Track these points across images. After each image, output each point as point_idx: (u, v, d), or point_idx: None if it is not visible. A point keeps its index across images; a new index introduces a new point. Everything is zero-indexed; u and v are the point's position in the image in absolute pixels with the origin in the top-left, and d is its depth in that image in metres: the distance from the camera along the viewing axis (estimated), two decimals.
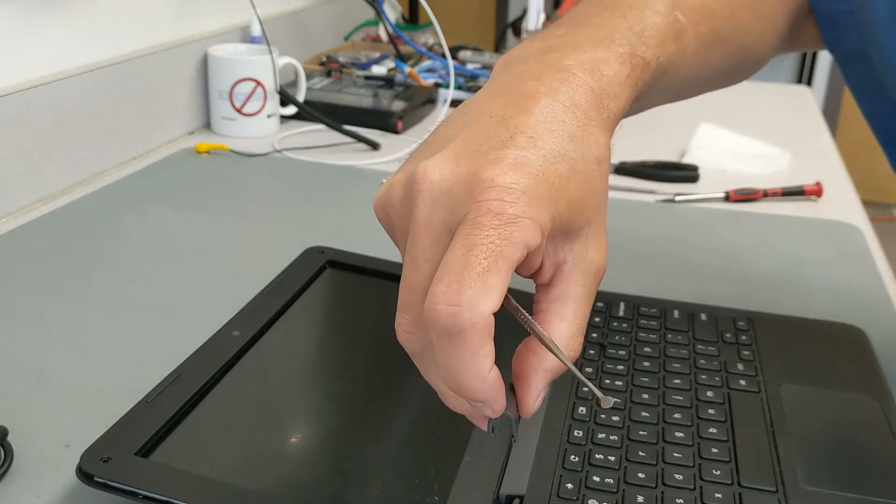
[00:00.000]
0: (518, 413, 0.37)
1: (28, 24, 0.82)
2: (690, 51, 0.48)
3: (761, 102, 1.37)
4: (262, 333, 0.54)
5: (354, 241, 0.69)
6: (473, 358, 0.33)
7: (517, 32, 1.49)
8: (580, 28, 0.44)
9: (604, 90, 0.40)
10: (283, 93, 1.07)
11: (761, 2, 0.55)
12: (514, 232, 0.33)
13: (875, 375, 0.54)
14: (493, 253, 0.33)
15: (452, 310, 0.32)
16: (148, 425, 0.44)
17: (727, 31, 0.52)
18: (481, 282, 0.32)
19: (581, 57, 0.40)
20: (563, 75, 0.39)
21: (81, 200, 0.83)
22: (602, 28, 0.43)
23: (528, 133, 0.36)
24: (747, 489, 0.43)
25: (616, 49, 0.42)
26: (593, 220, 0.38)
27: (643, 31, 0.44)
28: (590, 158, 0.38)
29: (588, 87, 0.39)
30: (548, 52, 0.41)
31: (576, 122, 0.38)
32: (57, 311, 0.62)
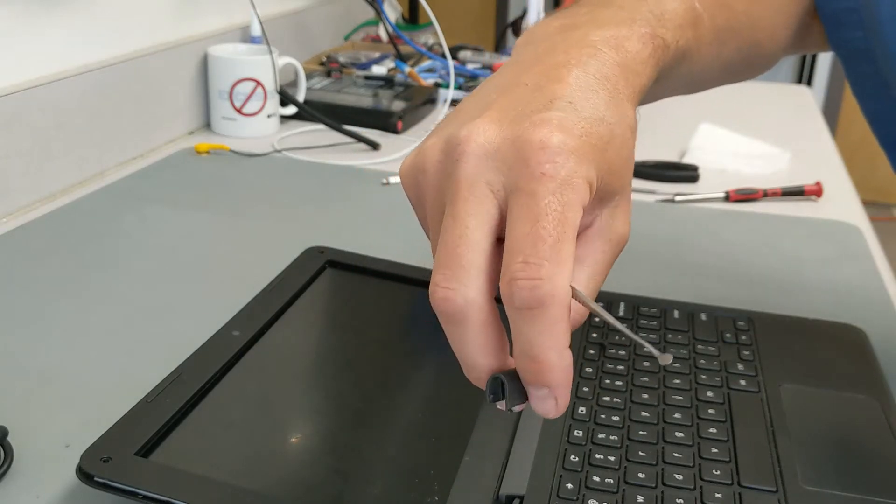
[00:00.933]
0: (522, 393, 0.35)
1: (28, 24, 0.82)
2: (706, 40, 0.49)
3: (761, 102, 1.37)
4: (262, 333, 0.54)
5: (354, 241, 0.69)
6: (552, 331, 0.32)
7: (517, 32, 1.49)
8: (602, 8, 0.44)
9: (628, 65, 0.40)
10: (283, 93, 1.07)
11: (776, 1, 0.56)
12: (572, 195, 0.33)
13: (875, 375, 0.54)
14: (560, 221, 0.33)
15: (533, 283, 0.32)
16: (148, 425, 0.44)
17: (741, 25, 0.52)
18: (555, 253, 0.32)
19: (605, 34, 0.41)
20: (589, 50, 0.39)
21: (81, 200, 0.83)
22: (624, 9, 0.44)
23: (567, 99, 0.36)
24: (747, 489, 0.43)
25: (638, 28, 0.42)
26: (625, 189, 0.38)
27: (663, 14, 0.45)
28: (625, 125, 0.38)
29: (614, 61, 0.40)
30: (571, 29, 0.41)
31: (607, 92, 0.38)
32: (57, 311, 0.62)
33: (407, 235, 0.78)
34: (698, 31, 0.48)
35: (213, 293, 0.66)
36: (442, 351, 0.57)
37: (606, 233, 0.38)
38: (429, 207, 0.37)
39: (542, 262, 0.32)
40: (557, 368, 0.33)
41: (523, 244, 0.32)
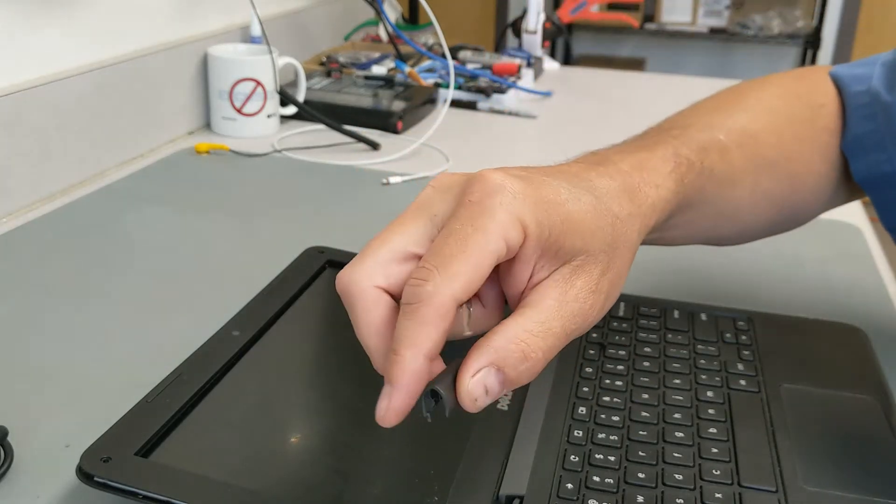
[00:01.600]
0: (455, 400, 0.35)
1: (28, 23, 0.82)
2: (738, 166, 0.51)
3: None
4: (262, 333, 0.54)
5: (354, 241, 0.69)
6: (416, 330, 0.34)
7: (517, 32, 1.49)
8: (629, 143, 0.49)
9: (645, 179, 0.43)
10: (283, 93, 1.07)
11: (810, 129, 0.56)
12: (488, 222, 0.35)
13: (875, 375, 0.54)
14: (463, 240, 0.35)
15: (415, 282, 0.35)
16: (148, 425, 0.44)
17: (774, 156, 0.54)
18: (446, 265, 0.34)
19: (629, 160, 0.44)
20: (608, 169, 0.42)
21: (81, 200, 0.83)
22: (648, 139, 0.48)
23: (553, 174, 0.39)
24: (747, 489, 0.43)
25: (659, 151, 0.46)
26: (592, 253, 0.38)
27: (686, 140, 0.48)
28: (604, 206, 0.40)
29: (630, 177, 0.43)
30: (600, 163, 0.44)
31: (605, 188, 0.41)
32: (57, 310, 0.62)
33: None
34: (727, 157, 0.50)
35: (213, 293, 0.66)
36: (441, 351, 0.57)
37: (563, 285, 0.37)
38: None
39: (432, 268, 0.35)
40: (403, 367, 0.34)
41: (428, 254, 0.35)
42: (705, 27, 3.28)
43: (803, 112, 0.57)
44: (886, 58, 0.58)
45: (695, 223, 0.50)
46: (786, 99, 0.57)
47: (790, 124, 0.55)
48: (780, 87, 0.58)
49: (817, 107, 0.57)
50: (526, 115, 1.21)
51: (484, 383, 0.35)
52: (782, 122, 0.55)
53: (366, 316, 0.37)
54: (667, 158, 0.45)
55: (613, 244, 0.39)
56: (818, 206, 0.59)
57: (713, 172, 0.49)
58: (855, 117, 0.57)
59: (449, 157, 1.00)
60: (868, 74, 0.57)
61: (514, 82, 1.28)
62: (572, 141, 1.11)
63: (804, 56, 3.33)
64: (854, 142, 0.57)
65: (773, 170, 0.53)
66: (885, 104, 0.56)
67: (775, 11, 3.21)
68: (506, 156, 1.04)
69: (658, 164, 0.45)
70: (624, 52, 3.54)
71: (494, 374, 0.35)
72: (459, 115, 1.19)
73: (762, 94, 0.57)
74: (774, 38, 3.20)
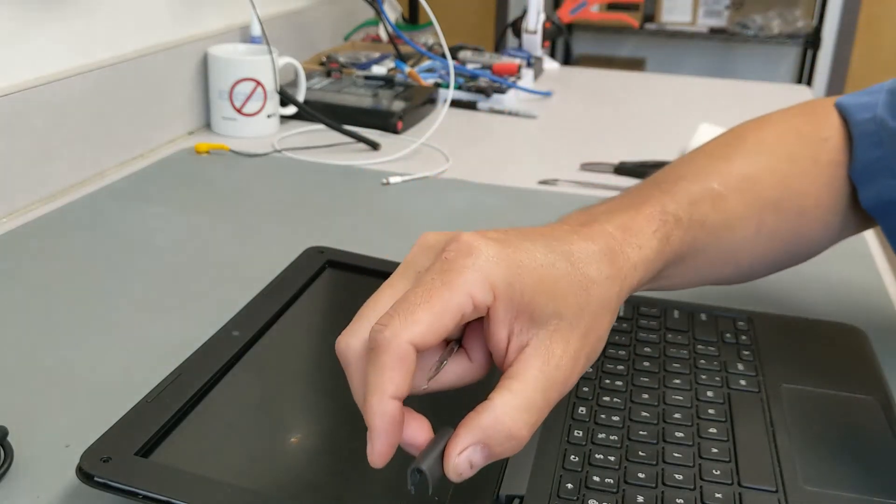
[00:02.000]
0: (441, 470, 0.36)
1: (28, 23, 0.82)
2: (737, 212, 0.51)
3: (761, 102, 1.37)
4: (262, 333, 0.54)
5: (354, 241, 0.69)
6: (380, 376, 0.35)
7: (517, 32, 1.49)
8: (620, 199, 0.49)
9: (627, 241, 0.44)
10: (283, 93, 1.07)
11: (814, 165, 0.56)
12: (456, 278, 0.37)
13: (875, 375, 0.54)
14: (429, 292, 0.36)
15: (378, 328, 0.36)
16: (148, 425, 0.44)
17: (777, 195, 0.54)
18: (408, 313, 0.36)
19: (615, 220, 0.45)
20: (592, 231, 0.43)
21: (81, 200, 0.83)
22: (638, 195, 0.49)
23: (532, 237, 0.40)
24: (747, 489, 0.43)
25: (646, 210, 0.46)
26: (567, 317, 0.39)
27: (675, 195, 0.49)
28: (579, 271, 0.40)
29: (612, 239, 0.43)
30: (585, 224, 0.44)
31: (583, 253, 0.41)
32: (57, 310, 0.62)
33: (407, 235, 0.78)
34: (720, 205, 0.50)
35: (213, 293, 0.66)
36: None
37: (544, 354, 0.38)
38: None
39: (395, 315, 0.36)
40: (374, 412, 0.36)
41: (395, 302, 0.37)
42: (705, 27, 3.29)
43: (807, 149, 0.56)
44: (892, 85, 0.58)
45: (691, 271, 0.51)
46: (787, 137, 0.57)
47: (793, 162, 0.55)
48: (782, 126, 0.58)
49: (821, 141, 0.57)
50: (526, 115, 1.21)
51: (469, 459, 0.37)
52: (784, 162, 0.55)
53: (356, 379, 0.38)
54: (652, 217, 0.46)
55: (589, 308, 0.40)
56: (827, 239, 0.58)
57: (704, 223, 0.49)
58: (862, 145, 0.56)
59: (449, 157, 1.00)
60: (874, 102, 0.57)
61: (514, 82, 1.28)
62: (572, 141, 1.11)
63: (804, 56, 3.33)
64: (862, 170, 0.56)
65: (777, 208, 0.53)
66: (892, 130, 0.55)
67: (775, 11, 3.21)
68: (506, 156, 1.04)
69: (643, 224, 0.45)
70: (624, 52, 3.54)
71: (480, 450, 0.37)
72: (459, 115, 1.19)
73: (763, 134, 0.57)
74: (774, 38, 3.19)
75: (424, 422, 0.38)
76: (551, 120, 1.21)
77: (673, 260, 0.47)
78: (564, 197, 0.89)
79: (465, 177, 0.94)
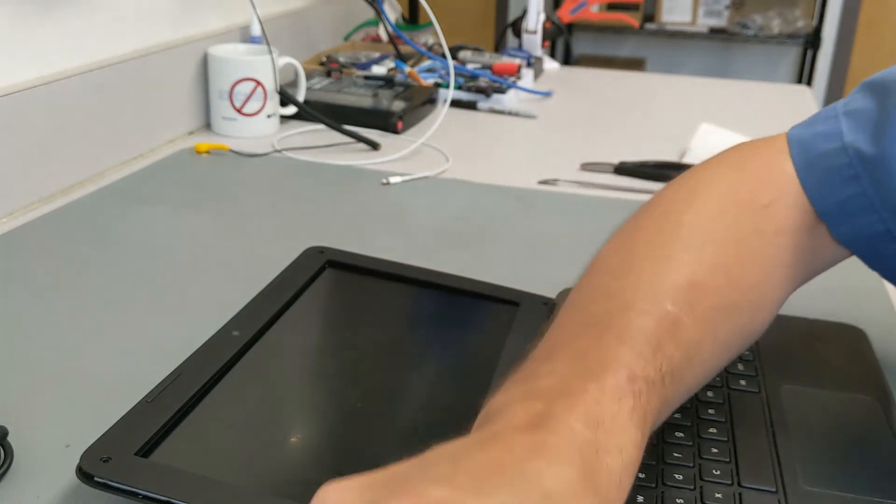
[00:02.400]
0: None
1: (28, 23, 0.82)
2: (694, 340, 0.43)
3: (761, 102, 1.37)
4: (262, 333, 0.54)
5: (354, 241, 0.69)
6: None
7: (517, 32, 1.49)
8: (564, 360, 0.38)
9: (603, 445, 0.34)
10: (283, 93, 1.07)
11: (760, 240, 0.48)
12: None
13: (875, 375, 0.54)
14: None
15: None
16: (148, 425, 0.44)
17: (728, 302, 0.46)
18: None
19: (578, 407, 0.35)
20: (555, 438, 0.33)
21: (81, 200, 0.83)
22: (589, 354, 0.38)
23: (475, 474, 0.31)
24: (747, 489, 0.43)
25: (608, 380, 0.36)
26: None
27: (633, 341, 0.39)
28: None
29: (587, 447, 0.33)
30: (531, 400, 0.35)
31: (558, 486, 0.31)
32: (57, 311, 0.62)
33: (407, 235, 0.78)
34: (681, 336, 0.42)
35: (213, 293, 0.66)
36: (442, 351, 0.57)
37: None
38: None
39: None
40: None
41: None
42: (705, 27, 3.28)
43: (748, 222, 0.48)
44: (848, 107, 0.51)
45: (664, 415, 0.42)
46: (726, 214, 0.48)
47: (737, 245, 0.47)
48: (717, 198, 0.49)
49: (762, 209, 0.49)
50: (526, 115, 1.21)
51: None
52: (728, 248, 0.47)
53: None
54: (621, 392, 0.36)
55: None
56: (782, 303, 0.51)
57: (673, 374, 0.40)
58: (831, 182, 0.49)
59: (449, 157, 1.00)
60: (834, 131, 0.50)
61: (514, 82, 1.28)
62: (572, 141, 1.11)
63: (804, 56, 3.33)
64: (835, 208, 0.49)
65: (728, 316, 0.46)
66: (869, 158, 0.48)
67: (775, 11, 3.21)
68: (506, 156, 1.04)
69: (614, 409, 0.35)
70: (624, 52, 3.54)
71: None
72: (459, 115, 1.19)
73: (699, 217, 0.48)
74: (774, 38, 3.19)
75: None
76: (551, 120, 1.21)
77: (654, 422, 0.39)
78: (564, 197, 0.89)
79: (465, 177, 0.94)
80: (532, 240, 0.78)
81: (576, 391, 0.35)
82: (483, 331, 0.60)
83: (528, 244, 0.77)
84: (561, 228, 0.81)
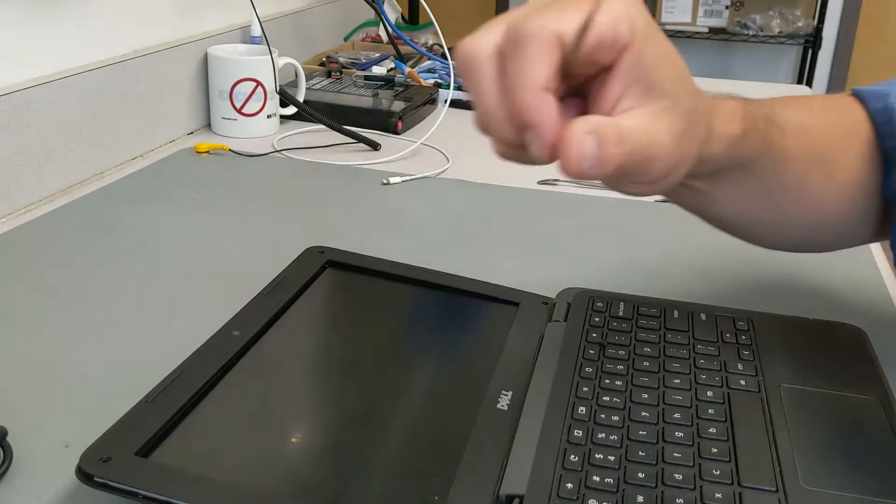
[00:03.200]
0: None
1: (28, 23, 0.82)
2: (793, 151, 0.53)
3: None
4: (263, 333, 0.54)
5: (354, 241, 0.69)
6: (527, 69, 0.36)
7: None
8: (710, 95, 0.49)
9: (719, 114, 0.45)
10: (283, 93, 1.07)
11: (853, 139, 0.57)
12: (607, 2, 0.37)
13: (875, 375, 0.54)
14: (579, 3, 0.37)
15: (520, 22, 0.37)
16: (148, 425, 0.44)
17: (824, 154, 0.55)
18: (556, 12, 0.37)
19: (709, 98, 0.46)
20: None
21: (81, 200, 0.83)
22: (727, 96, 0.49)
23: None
24: (747, 489, 0.43)
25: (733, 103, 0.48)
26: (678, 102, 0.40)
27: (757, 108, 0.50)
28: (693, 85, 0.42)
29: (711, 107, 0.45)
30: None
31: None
32: (57, 310, 0.62)
33: (407, 235, 0.78)
34: (784, 137, 0.52)
35: (213, 293, 0.66)
36: (442, 351, 0.57)
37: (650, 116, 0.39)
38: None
39: (541, 13, 0.37)
40: (532, 106, 0.36)
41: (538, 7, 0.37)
42: (705, 27, 3.28)
43: (847, 121, 0.58)
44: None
45: (745, 192, 0.52)
46: (831, 109, 0.59)
47: (837, 130, 0.57)
48: (824, 100, 0.60)
49: (859, 122, 0.58)
50: None
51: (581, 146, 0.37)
52: (831, 126, 0.57)
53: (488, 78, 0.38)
54: (742, 110, 0.48)
55: (695, 109, 0.41)
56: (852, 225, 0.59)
57: (772, 143, 0.50)
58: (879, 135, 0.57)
59: (449, 157, 1.00)
60: (886, 92, 0.58)
61: None
62: None
63: (804, 56, 3.33)
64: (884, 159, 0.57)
65: (822, 167, 0.55)
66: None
67: (775, 11, 3.21)
68: None
69: (733, 108, 0.47)
70: None
71: (592, 140, 0.37)
72: (459, 115, 1.19)
73: (812, 101, 0.59)
74: (774, 38, 3.20)
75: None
76: None
77: (741, 162, 0.49)
78: (564, 197, 0.89)
79: (465, 177, 0.94)
80: (532, 240, 0.78)
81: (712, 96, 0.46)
82: (483, 331, 0.60)
83: (528, 244, 0.77)
84: (561, 228, 0.81)
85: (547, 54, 0.36)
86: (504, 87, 0.38)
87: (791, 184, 0.54)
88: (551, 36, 0.36)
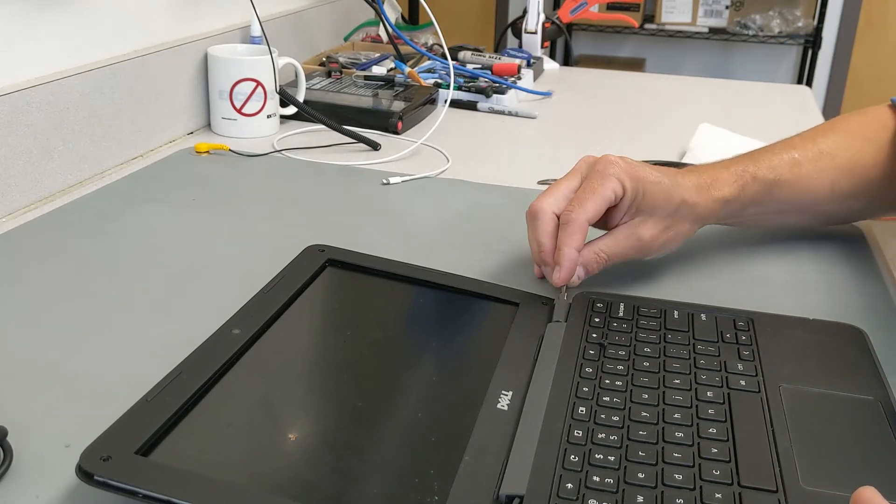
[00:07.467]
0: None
1: (28, 23, 0.82)
2: (812, 177, 0.71)
3: (761, 102, 1.37)
4: (263, 332, 0.54)
5: (354, 241, 0.69)
6: (570, 238, 0.61)
7: (517, 33, 1.49)
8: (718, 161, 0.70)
9: (713, 185, 0.67)
10: (283, 93, 1.07)
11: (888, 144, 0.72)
12: (606, 182, 0.62)
13: (875, 375, 0.54)
14: (592, 190, 0.62)
15: (566, 213, 0.62)
16: (148, 424, 0.44)
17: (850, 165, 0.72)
18: (580, 203, 0.62)
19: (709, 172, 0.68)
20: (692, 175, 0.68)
21: (81, 200, 0.83)
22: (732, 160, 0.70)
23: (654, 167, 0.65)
24: (747, 489, 0.43)
25: (733, 168, 0.69)
26: (656, 215, 0.64)
27: (759, 161, 0.70)
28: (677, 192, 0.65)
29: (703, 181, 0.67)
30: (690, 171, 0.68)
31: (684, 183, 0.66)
32: (57, 310, 0.62)
33: (407, 235, 0.78)
34: (796, 170, 0.70)
35: (213, 293, 0.66)
36: (442, 351, 0.57)
37: (632, 228, 0.64)
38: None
39: (574, 204, 0.62)
40: (566, 256, 0.61)
41: (574, 195, 0.63)
42: (705, 27, 3.28)
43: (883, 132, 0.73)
44: None
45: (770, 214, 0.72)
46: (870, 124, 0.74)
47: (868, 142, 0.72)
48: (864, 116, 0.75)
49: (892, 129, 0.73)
50: (526, 115, 1.21)
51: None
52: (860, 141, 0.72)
53: (543, 228, 0.62)
54: (736, 174, 0.68)
55: (675, 214, 0.65)
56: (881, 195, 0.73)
57: (779, 181, 0.69)
58: None
59: (449, 157, 1.00)
60: None
61: (514, 82, 1.28)
62: (572, 141, 1.11)
63: (804, 56, 3.33)
64: None
65: (850, 173, 0.71)
66: None
67: (775, 11, 3.21)
68: (506, 156, 1.04)
69: (727, 177, 0.68)
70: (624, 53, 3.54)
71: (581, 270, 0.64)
72: (459, 115, 1.19)
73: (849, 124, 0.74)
74: (774, 38, 3.19)
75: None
76: (551, 120, 1.21)
77: (749, 204, 0.69)
78: None
79: (465, 177, 0.94)
80: None
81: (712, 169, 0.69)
82: (483, 331, 0.60)
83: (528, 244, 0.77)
84: None
85: (581, 233, 0.61)
86: (556, 243, 0.62)
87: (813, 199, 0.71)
88: (584, 223, 0.61)
